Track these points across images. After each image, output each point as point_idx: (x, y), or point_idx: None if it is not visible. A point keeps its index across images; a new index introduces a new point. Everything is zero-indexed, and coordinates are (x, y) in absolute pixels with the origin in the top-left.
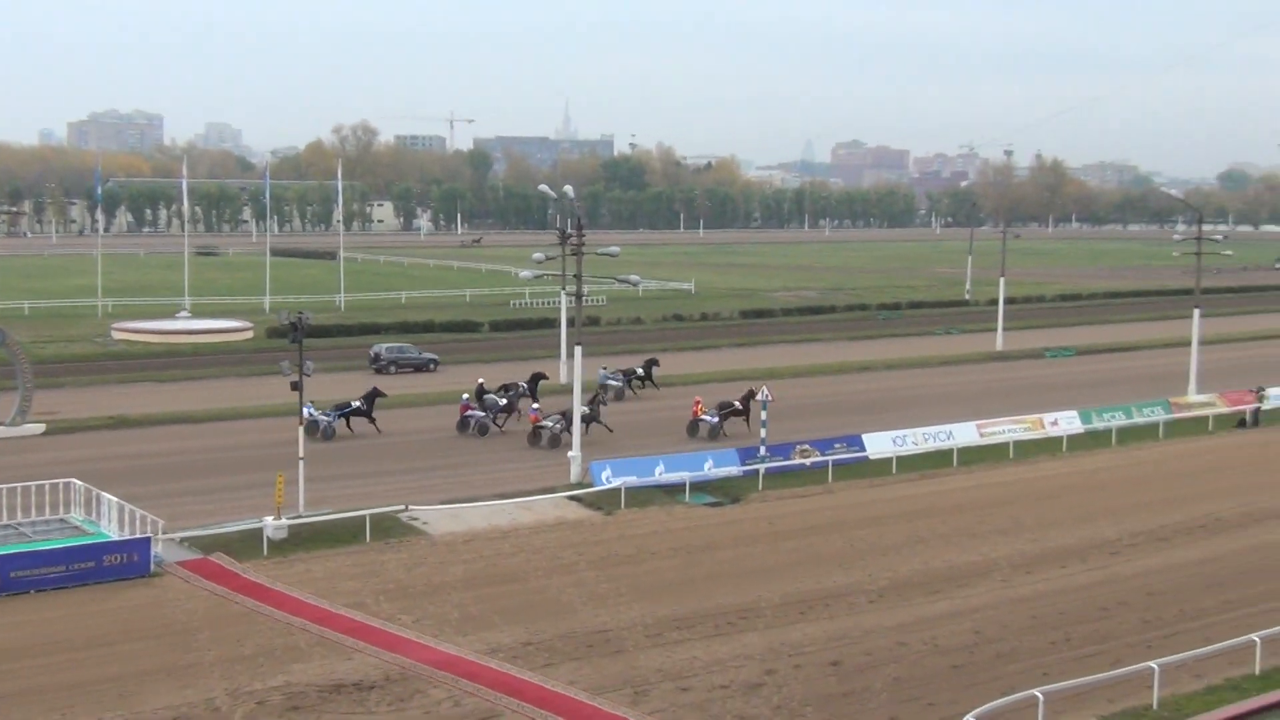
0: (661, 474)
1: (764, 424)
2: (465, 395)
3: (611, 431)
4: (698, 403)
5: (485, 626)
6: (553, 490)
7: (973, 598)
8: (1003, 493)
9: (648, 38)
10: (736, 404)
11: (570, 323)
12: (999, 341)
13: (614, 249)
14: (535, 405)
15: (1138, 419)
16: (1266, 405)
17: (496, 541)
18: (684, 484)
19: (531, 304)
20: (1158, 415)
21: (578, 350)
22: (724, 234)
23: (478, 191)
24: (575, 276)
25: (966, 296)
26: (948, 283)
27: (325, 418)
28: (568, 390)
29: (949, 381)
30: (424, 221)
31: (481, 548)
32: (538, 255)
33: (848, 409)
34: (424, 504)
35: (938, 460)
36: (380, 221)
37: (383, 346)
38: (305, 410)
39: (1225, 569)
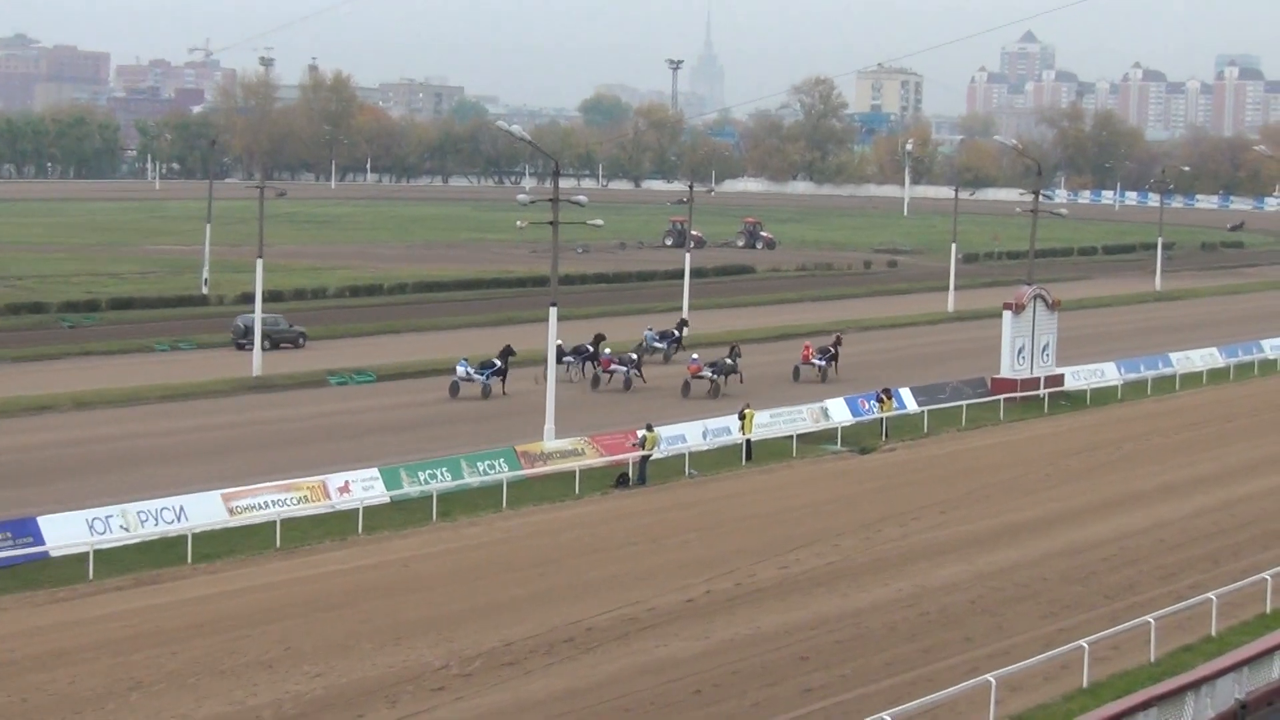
0: None
1: None
2: (607, 351)
3: (742, 383)
4: (807, 347)
5: None
6: None
7: None
8: (263, 603)
9: None
10: (832, 349)
11: None
12: (255, 364)
13: None
14: (695, 355)
15: (469, 478)
16: (658, 453)
17: None
18: None
19: None
20: (500, 473)
21: None
22: None
23: None
24: None
25: (204, 290)
26: (177, 267)
27: (480, 376)
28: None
29: (176, 427)
30: None
31: None
32: None
33: (11, 477)
34: None
35: (164, 553)
36: None
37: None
38: (460, 367)
39: (598, 707)
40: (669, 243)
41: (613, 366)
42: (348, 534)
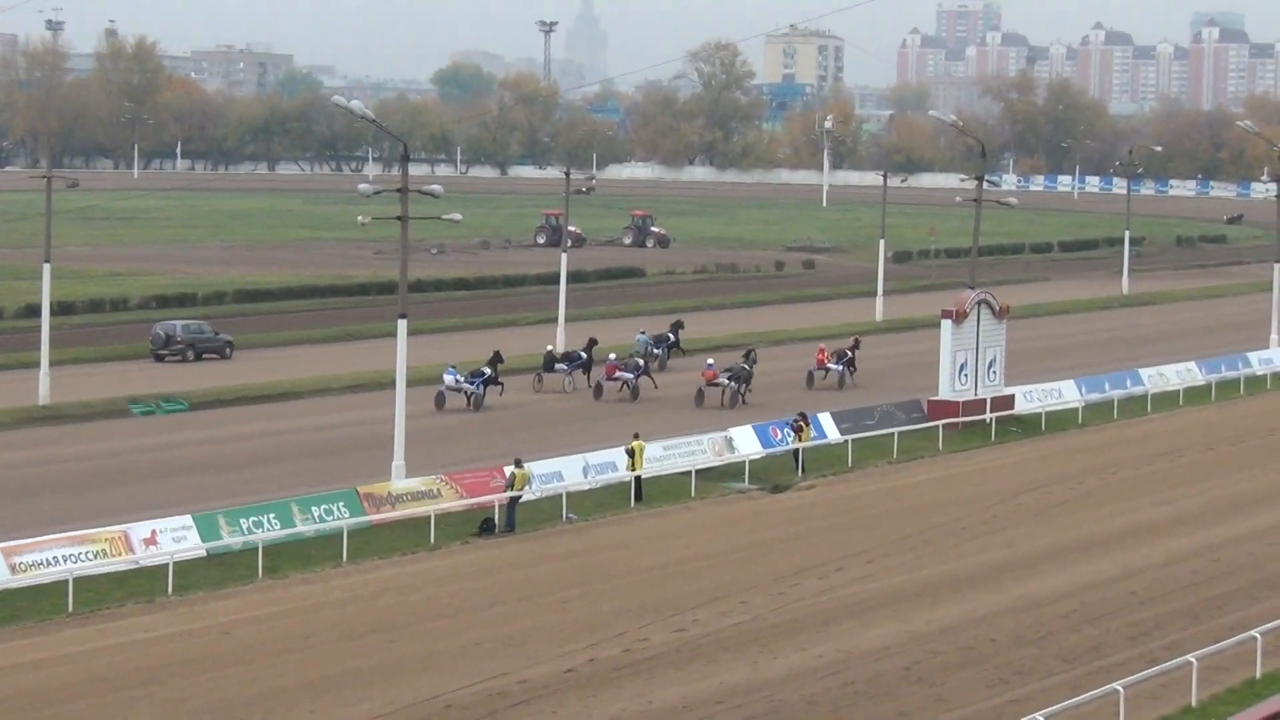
0: None
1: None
2: (612, 356)
3: (752, 391)
4: (822, 350)
5: None
6: None
7: None
8: (53, 680)
9: None
10: (849, 352)
11: None
12: (43, 391)
13: None
14: (710, 360)
15: (303, 527)
16: (529, 493)
17: None
18: None
19: None
20: (340, 519)
21: None
22: None
23: None
24: None
25: None
26: None
27: (471, 385)
28: None
29: None
30: None
31: None
32: None
33: None
34: None
35: None
36: None
37: (177, 324)
38: (448, 375)
39: None
40: (541, 241)
41: (619, 374)
42: (155, 595)
